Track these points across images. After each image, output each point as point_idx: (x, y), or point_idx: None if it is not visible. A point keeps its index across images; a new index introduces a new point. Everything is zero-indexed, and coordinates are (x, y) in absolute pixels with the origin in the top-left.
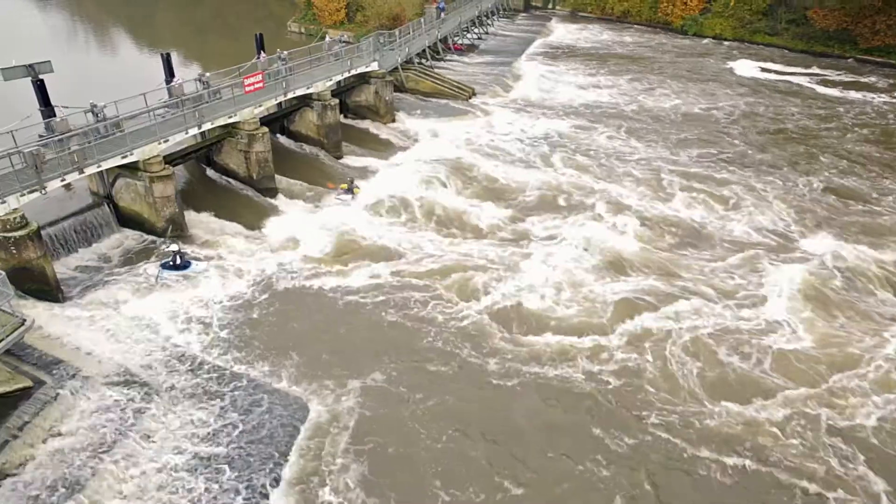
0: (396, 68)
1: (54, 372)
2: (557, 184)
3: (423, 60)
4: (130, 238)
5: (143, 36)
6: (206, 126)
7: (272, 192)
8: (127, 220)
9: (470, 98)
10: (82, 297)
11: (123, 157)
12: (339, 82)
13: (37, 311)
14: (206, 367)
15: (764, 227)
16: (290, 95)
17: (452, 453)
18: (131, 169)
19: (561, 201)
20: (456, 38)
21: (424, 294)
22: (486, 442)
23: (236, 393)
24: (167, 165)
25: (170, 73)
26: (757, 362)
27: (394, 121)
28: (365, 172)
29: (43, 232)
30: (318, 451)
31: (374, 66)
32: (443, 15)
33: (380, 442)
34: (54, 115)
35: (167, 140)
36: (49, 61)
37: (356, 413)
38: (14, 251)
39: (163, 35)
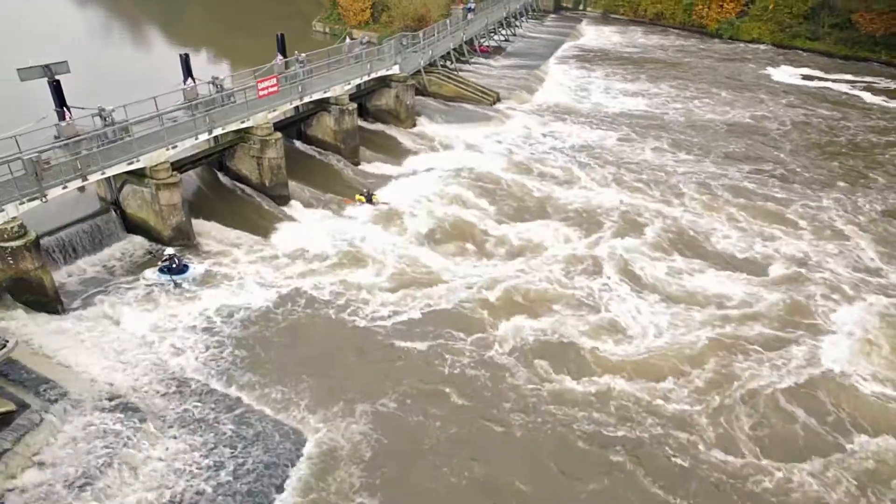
0: (419, 71)
1: (41, 393)
2: (598, 202)
3: (448, 63)
4: (137, 245)
5: (174, 33)
6: (217, 131)
7: (284, 200)
8: (134, 226)
9: (494, 103)
10: (82, 309)
11: (129, 164)
12: (358, 86)
13: (33, 323)
14: (200, 390)
15: (837, 254)
16: (306, 100)
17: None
18: (138, 175)
19: (606, 222)
20: (482, 40)
21: (448, 322)
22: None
23: (231, 421)
24: (175, 172)
25: (188, 74)
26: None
27: (415, 126)
28: (383, 180)
29: (47, 238)
30: (316, 487)
31: (395, 70)
32: (470, 16)
33: (384, 480)
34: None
35: (175, 146)
36: (66, 62)
37: (360, 448)
38: (11, 261)
39: (193, 32)
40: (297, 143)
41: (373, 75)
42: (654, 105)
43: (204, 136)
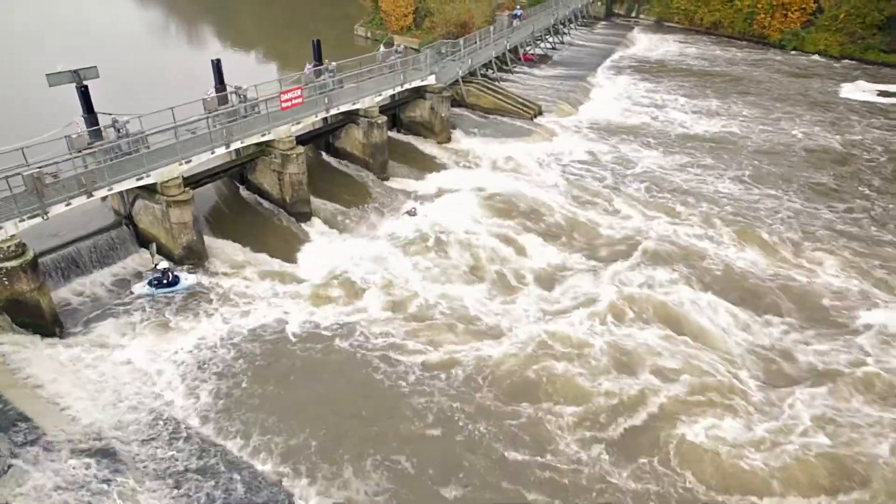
0: (457, 81)
1: (14, 434)
2: (669, 242)
3: (489, 72)
4: (149, 262)
5: (226, 34)
6: (236, 145)
7: (306, 217)
8: (146, 242)
9: (535, 116)
10: (81, 333)
11: (138, 179)
12: (392, 96)
13: (26, 348)
14: (188, 435)
15: None
16: (333, 112)
17: None
18: (149, 190)
19: (681, 267)
20: (527, 48)
21: (504, 385)
22: None
23: (220, 477)
24: (187, 189)
25: (219, 81)
26: None
27: (449, 140)
28: (412, 198)
29: (54, 254)
30: None
31: (430, 80)
32: (515, 23)
33: None
34: (96, 123)
35: (190, 160)
36: (95, 67)
37: None
38: (6, 282)
39: (243, 33)
40: (325, 156)
41: (406, 86)
42: (717, 124)
43: (221, 150)
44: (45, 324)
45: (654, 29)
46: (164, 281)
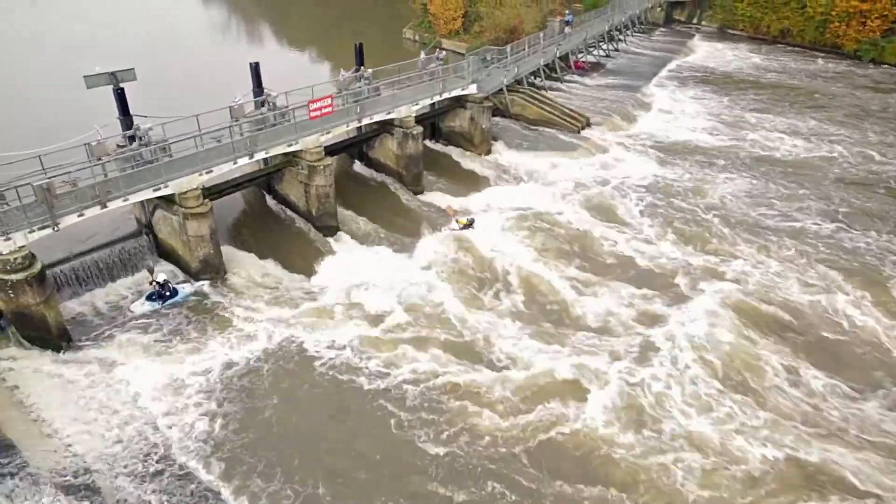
0: (501, 90)
1: None
2: (764, 300)
3: (537, 80)
4: (167, 273)
5: (283, 33)
6: (260, 155)
7: (332, 231)
8: (166, 253)
9: (582, 129)
10: (88, 348)
11: (155, 190)
12: (432, 104)
13: (28, 364)
14: (178, 473)
15: None
16: (366, 121)
17: None
18: (168, 200)
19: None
20: (579, 56)
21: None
22: None
23: None
24: (206, 201)
25: (257, 85)
26: None
27: (489, 152)
28: (445, 215)
29: (73, 263)
30: None
31: (471, 89)
32: (567, 30)
33: None
34: (131, 126)
35: (210, 171)
36: (132, 69)
37: None
38: (12, 295)
39: (296, 33)
40: (358, 166)
41: (445, 95)
42: (794, 147)
43: (244, 161)
44: (51, 338)
45: (717, 37)
46: (166, 293)
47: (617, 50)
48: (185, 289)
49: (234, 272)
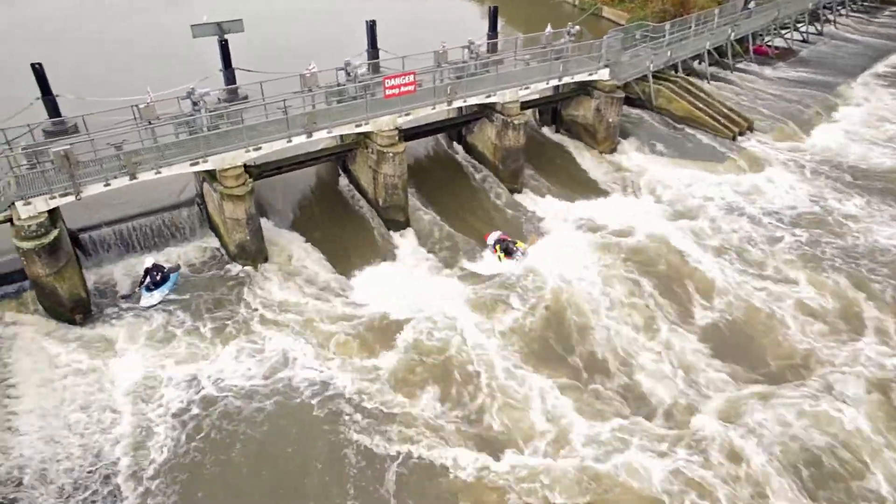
0: (645, 76)
1: None
2: None
3: (698, 65)
4: (209, 250)
5: None
6: (320, 134)
7: (399, 226)
8: (214, 227)
9: (737, 136)
10: (96, 325)
11: (193, 164)
12: (556, 88)
13: (32, 337)
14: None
15: None
16: (458, 104)
17: None
18: (212, 175)
19: None
20: (765, 39)
21: None
22: None
23: None
24: (247, 181)
25: (371, 46)
26: None
27: (614, 150)
28: (539, 225)
29: (116, 227)
30: None
31: (601, 75)
32: (751, 5)
33: None
34: (234, 80)
35: (259, 148)
36: (240, 20)
37: None
38: (25, 262)
39: None
40: (449, 150)
41: (566, 79)
42: None
43: (300, 139)
44: (64, 310)
45: None
46: (157, 279)
47: (821, 33)
48: (174, 273)
49: (272, 264)
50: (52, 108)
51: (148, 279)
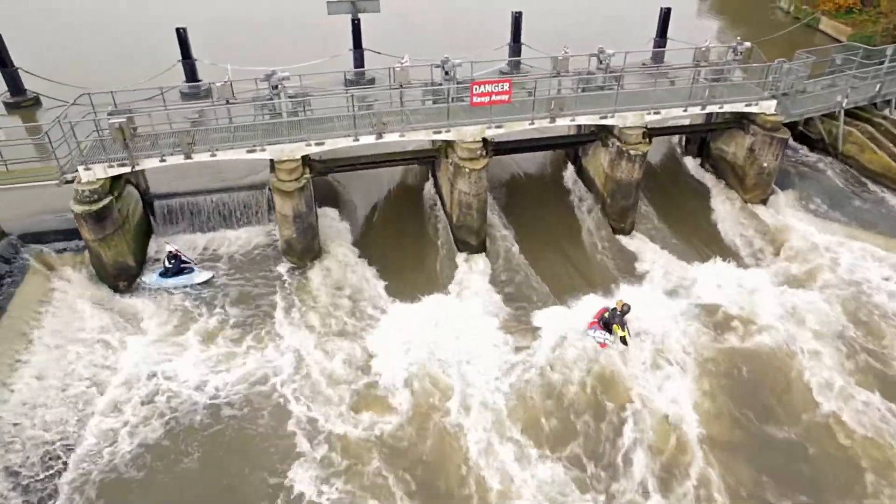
0: (833, 113)
1: None
2: None
3: None
4: (271, 238)
5: None
6: (392, 137)
7: (471, 249)
8: None
9: None
10: (132, 297)
11: (249, 152)
12: (709, 115)
13: (72, 295)
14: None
15: None
16: (561, 122)
17: None
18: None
19: None
20: None
21: None
22: None
23: None
24: (302, 176)
25: (514, 39)
26: None
27: (765, 201)
28: (637, 281)
29: (195, 199)
30: None
31: (763, 107)
32: None
33: None
34: (362, 62)
35: (322, 143)
36: (377, 0)
37: None
38: (77, 225)
39: None
40: (569, 172)
41: (710, 108)
42: None
43: (370, 139)
44: (106, 277)
45: None
46: (174, 267)
47: None
48: (198, 275)
49: (325, 263)
50: (190, 72)
51: (165, 264)
